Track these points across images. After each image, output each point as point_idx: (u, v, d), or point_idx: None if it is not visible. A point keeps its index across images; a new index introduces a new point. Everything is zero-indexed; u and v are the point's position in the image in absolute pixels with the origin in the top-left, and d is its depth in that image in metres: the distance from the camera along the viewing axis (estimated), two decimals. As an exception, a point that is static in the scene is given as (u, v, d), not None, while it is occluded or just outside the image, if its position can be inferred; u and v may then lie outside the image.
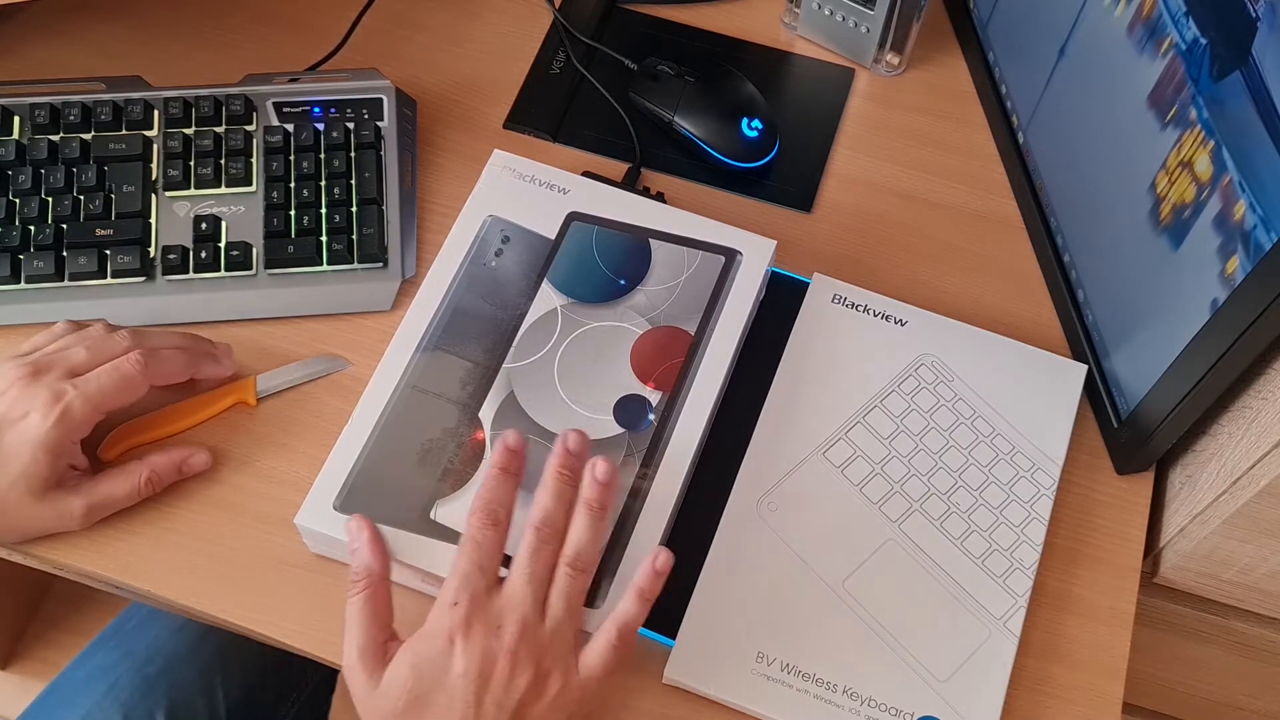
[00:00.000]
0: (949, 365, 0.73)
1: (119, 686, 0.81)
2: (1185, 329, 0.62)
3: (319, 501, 0.65)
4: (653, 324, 0.72)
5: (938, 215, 0.82)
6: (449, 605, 0.59)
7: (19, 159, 0.76)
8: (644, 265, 0.73)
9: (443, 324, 0.71)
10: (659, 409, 0.69)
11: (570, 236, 0.74)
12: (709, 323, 0.71)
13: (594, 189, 0.76)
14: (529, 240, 0.74)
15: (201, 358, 0.70)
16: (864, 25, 0.84)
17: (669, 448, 0.68)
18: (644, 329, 0.71)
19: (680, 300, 0.72)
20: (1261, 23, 0.56)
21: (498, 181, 0.76)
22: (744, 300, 0.72)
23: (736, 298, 0.72)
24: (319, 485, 0.66)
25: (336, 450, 0.67)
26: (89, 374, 0.64)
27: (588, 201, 0.75)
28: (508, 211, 0.75)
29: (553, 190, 0.75)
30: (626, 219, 0.75)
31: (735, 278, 0.73)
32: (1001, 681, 0.64)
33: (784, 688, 0.64)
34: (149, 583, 0.67)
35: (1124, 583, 0.69)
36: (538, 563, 0.60)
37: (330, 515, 0.65)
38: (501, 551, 0.61)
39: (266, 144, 0.77)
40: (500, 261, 0.73)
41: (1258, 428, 0.61)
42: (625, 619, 0.61)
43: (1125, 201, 0.68)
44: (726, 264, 0.73)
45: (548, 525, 0.61)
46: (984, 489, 0.69)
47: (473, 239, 0.74)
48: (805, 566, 0.67)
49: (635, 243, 0.74)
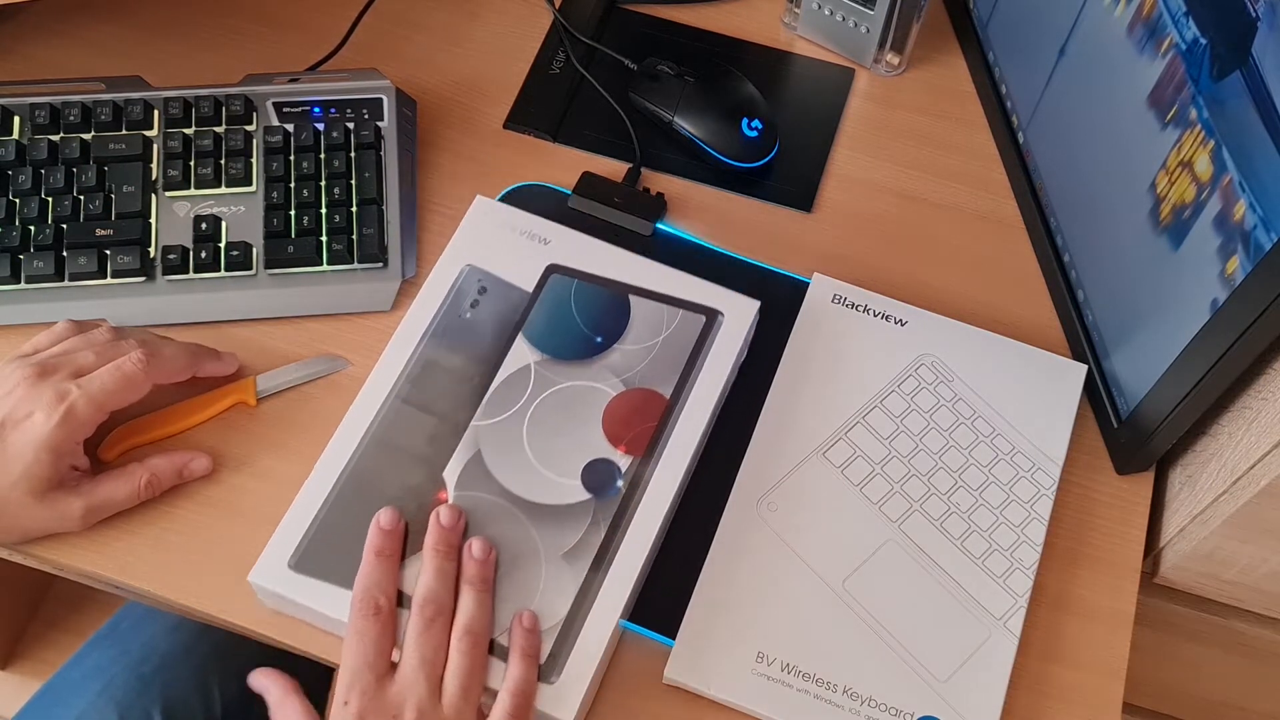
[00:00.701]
0: (949, 365, 0.73)
1: (114, 685, 0.81)
2: (1185, 329, 0.62)
3: (274, 559, 0.64)
4: (627, 385, 0.70)
5: (938, 215, 0.82)
6: (340, 705, 0.59)
7: (19, 159, 0.76)
8: (622, 322, 0.71)
9: (413, 376, 0.69)
10: (628, 475, 0.67)
11: (549, 290, 0.72)
12: (685, 386, 0.69)
13: (576, 240, 0.74)
14: (506, 292, 0.72)
15: (204, 356, 0.70)
16: (864, 25, 0.84)
17: (636, 516, 0.66)
18: (618, 390, 0.69)
19: (657, 361, 0.70)
20: (1261, 23, 0.56)
21: (478, 229, 0.74)
22: (723, 363, 0.70)
23: (716, 360, 0.70)
24: (274, 542, 0.64)
25: (295, 505, 0.65)
26: (92, 375, 0.64)
27: (569, 253, 0.73)
28: (486, 261, 0.73)
29: (534, 240, 0.74)
30: (608, 273, 0.73)
31: (715, 339, 0.71)
32: (1001, 681, 0.64)
33: (784, 688, 0.64)
34: (148, 583, 0.67)
35: (1124, 583, 0.69)
36: (427, 645, 0.60)
37: (285, 574, 0.64)
38: (389, 638, 0.61)
39: (266, 144, 0.77)
40: (475, 313, 0.71)
41: (1258, 428, 0.61)
42: (517, 683, 0.60)
43: (1125, 201, 0.68)
44: (707, 324, 0.71)
45: (432, 604, 0.61)
46: (984, 489, 0.69)
47: (449, 288, 0.72)
48: (805, 566, 0.67)
49: (615, 298, 0.72)
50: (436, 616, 0.61)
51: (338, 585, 0.63)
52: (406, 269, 0.76)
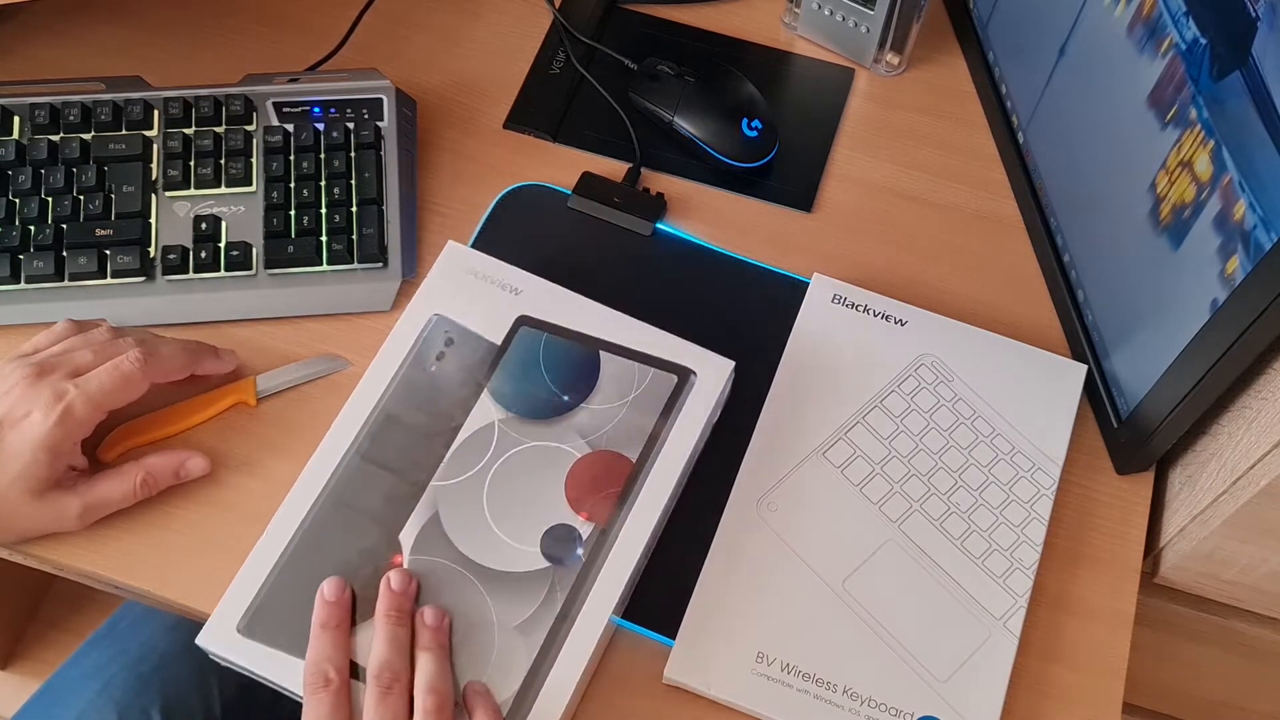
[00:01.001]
0: (949, 365, 0.73)
1: (113, 685, 0.81)
2: (1185, 329, 0.62)
3: (223, 622, 0.62)
4: (593, 447, 0.67)
5: (938, 215, 0.82)
6: None
7: (19, 159, 0.76)
8: (591, 380, 0.69)
9: (373, 431, 0.67)
10: (589, 543, 0.64)
11: (517, 343, 0.69)
12: (653, 450, 0.67)
13: (548, 291, 0.71)
14: (474, 344, 0.69)
15: (203, 354, 0.70)
16: (864, 25, 0.84)
17: (594, 588, 0.63)
18: (583, 452, 0.67)
19: (625, 423, 0.67)
20: (1261, 23, 0.56)
21: (449, 276, 0.72)
22: (694, 425, 0.67)
23: (685, 422, 0.67)
24: (224, 605, 0.63)
25: (246, 566, 0.64)
26: (90, 375, 0.64)
27: (541, 304, 0.71)
28: (455, 310, 0.70)
29: (505, 290, 0.71)
30: (580, 327, 0.70)
31: (686, 400, 0.68)
32: (1001, 681, 0.64)
33: (784, 688, 0.64)
34: (149, 583, 0.67)
35: (1124, 583, 0.69)
36: (385, 713, 0.59)
37: (234, 639, 0.62)
38: (344, 710, 0.59)
39: (266, 144, 0.77)
40: (441, 366, 0.69)
41: (1258, 428, 0.61)
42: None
43: (1125, 201, 0.68)
44: (679, 384, 0.68)
45: (387, 671, 0.60)
46: (984, 489, 0.69)
47: (415, 339, 0.70)
48: (805, 566, 0.67)
49: (585, 354, 0.69)
50: (393, 683, 0.59)
51: (288, 653, 0.61)
52: (406, 269, 0.76)
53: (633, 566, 0.64)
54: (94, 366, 0.65)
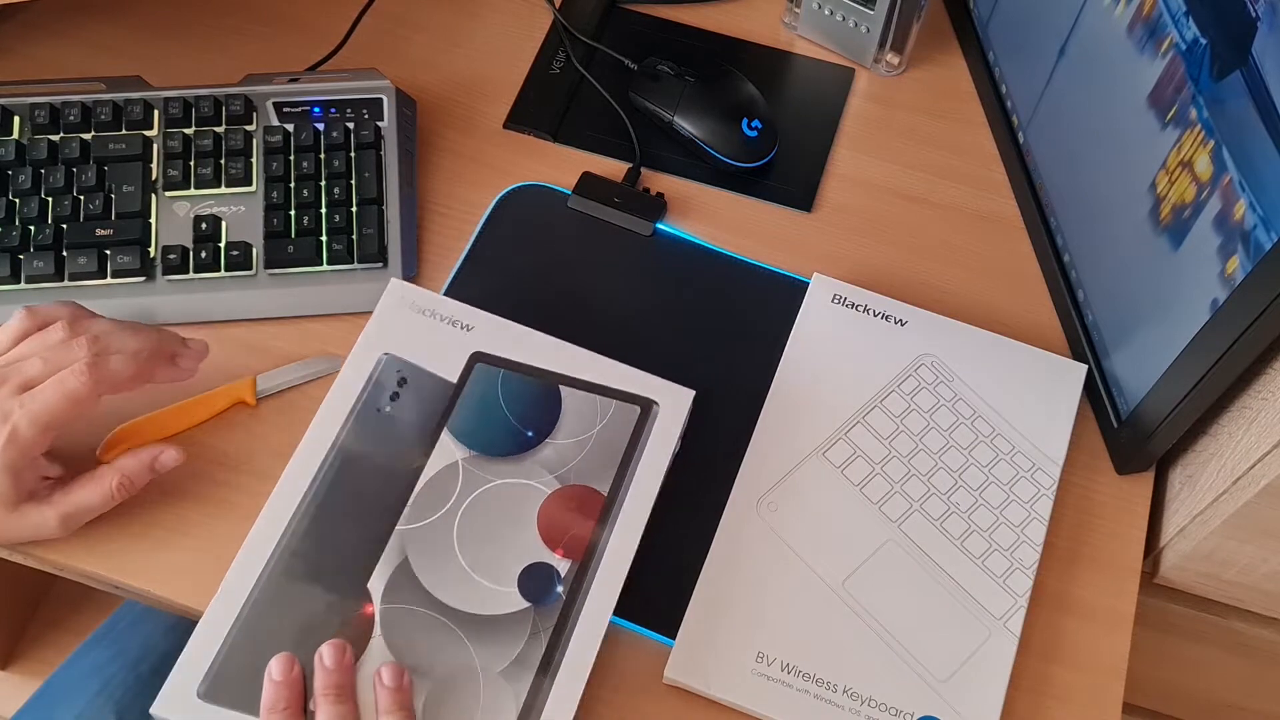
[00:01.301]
0: (949, 365, 0.73)
1: (112, 685, 0.81)
2: (1185, 329, 0.62)
3: (181, 688, 0.60)
4: (562, 481, 0.66)
5: (938, 215, 0.82)
6: None
7: (19, 159, 0.76)
8: (554, 415, 0.67)
9: (328, 479, 0.65)
10: (568, 579, 0.63)
11: (474, 380, 0.68)
12: (623, 481, 0.66)
13: (500, 327, 0.70)
14: (428, 383, 0.68)
15: (157, 362, 0.66)
16: (864, 25, 0.84)
17: (579, 624, 0.62)
18: (553, 488, 0.66)
19: (592, 456, 0.66)
20: (1261, 22, 0.56)
21: (394, 315, 0.70)
22: (660, 455, 0.67)
23: (653, 453, 0.67)
24: (180, 668, 0.60)
25: (201, 627, 0.61)
26: (35, 391, 0.62)
27: (494, 340, 0.69)
28: (405, 349, 0.69)
29: (455, 327, 0.69)
30: (536, 361, 0.69)
31: (651, 431, 0.67)
32: (1001, 681, 0.64)
33: (784, 688, 0.64)
34: (148, 583, 0.67)
35: (1124, 583, 0.69)
36: None
37: (194, 704, 0.59)
38: None
39: (266, 144, 0.77)
40: (396, 406, 0.67)
41: (1258, 428, 0.61)
42: None
43: (1125, 201, 0.68)
44: (642, 415, 0.68)
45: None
46: (984, 489, 0.69)
47: (365, 380, 0.68)
48: (805, 566, 0.67)
49: (545, 388, 0.68)
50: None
51: (253, 716, 0.59)
52: (406, 269, 0.76)
53: (614, 599, 0.63)
54: (43, 378, 0.62)
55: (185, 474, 0.69)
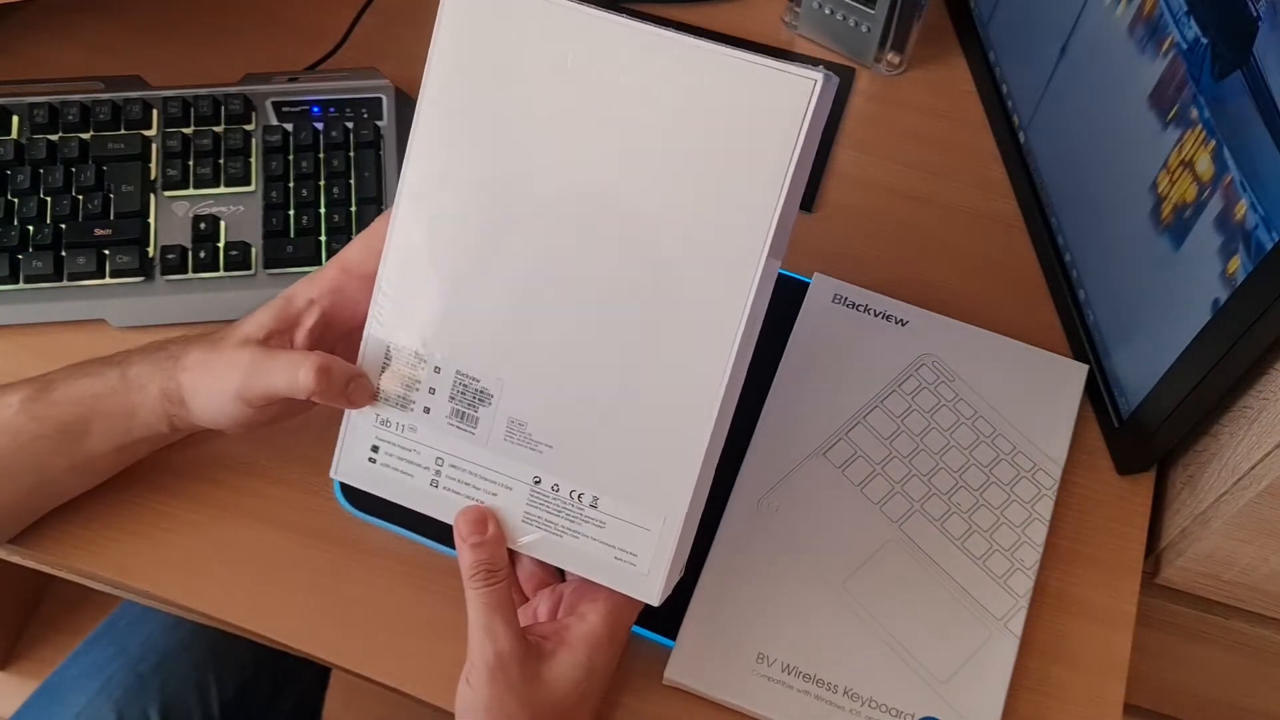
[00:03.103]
0: (950, 365, 0.73)
1: (112, 684, 0.81)
2: (1186, 329, 0.62)
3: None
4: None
5: (938, 215, 0.81)
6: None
7: (18, 159, 0.76)
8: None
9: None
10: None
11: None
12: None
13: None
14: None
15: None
16: (865, 24, 0.84)
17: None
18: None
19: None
20: (1262, 22, 0.56)
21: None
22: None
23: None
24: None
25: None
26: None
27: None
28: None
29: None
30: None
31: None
32: (1002, 682, 0.64)
33: (784, 688, 0.63)
34: (149, 583, 0.67)
35: (1125, 583, 0.69)
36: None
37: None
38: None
39: (266, 143, 0.77)
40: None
41: (1259, 428, 0.61)
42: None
43: (1126, 201, 0.68)
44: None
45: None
46: (985, 489, 0.69)
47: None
48: (806, 567, 0.67)
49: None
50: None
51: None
52: (406, 269, 0.76)
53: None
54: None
55: (186, 474, 0.69)
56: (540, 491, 0.58)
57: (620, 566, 0.58)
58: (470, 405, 0.59)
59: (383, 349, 0.59)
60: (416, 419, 0.59)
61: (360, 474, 0.61)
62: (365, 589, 0.67)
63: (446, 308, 0.58)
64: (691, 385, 0.56)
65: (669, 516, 0.57)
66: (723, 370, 0.55)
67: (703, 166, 0.54)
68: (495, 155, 0.56)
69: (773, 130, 0.52)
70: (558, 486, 0.58)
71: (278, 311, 0.61)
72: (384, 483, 0.60)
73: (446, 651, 0.62)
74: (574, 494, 0.58)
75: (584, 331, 0.57)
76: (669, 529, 0.57)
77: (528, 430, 0.58)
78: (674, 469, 0.57)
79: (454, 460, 0.59)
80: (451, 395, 0.59)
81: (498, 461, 0.59)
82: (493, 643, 0.56)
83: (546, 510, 0.58)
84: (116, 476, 0.66)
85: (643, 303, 0.56)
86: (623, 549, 0.58)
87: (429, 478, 0.60)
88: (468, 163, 0.57)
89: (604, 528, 0.58)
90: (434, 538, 0.67)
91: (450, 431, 0.59)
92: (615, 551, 0.58)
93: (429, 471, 0.60)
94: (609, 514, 0.58)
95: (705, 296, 0.55)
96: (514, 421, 0.58)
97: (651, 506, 0.57)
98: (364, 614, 0.66)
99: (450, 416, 0.59)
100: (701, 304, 0.55)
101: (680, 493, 0.57)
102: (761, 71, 0.52)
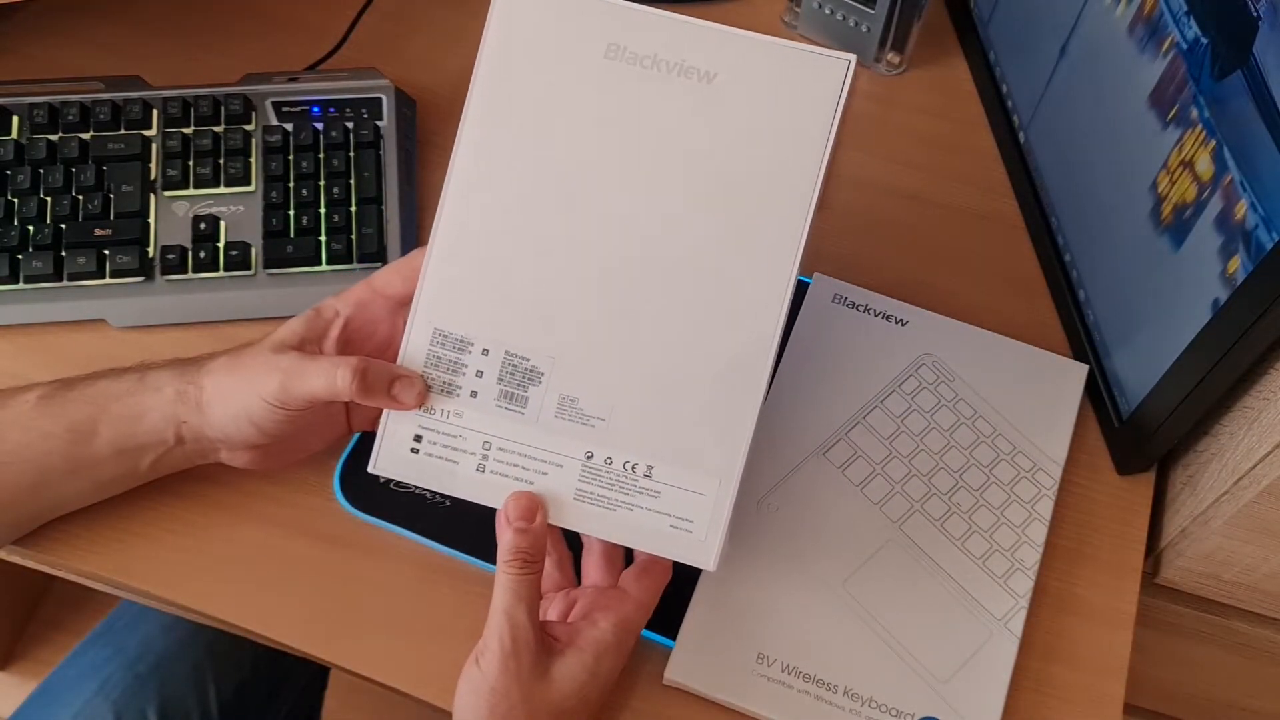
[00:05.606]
0: (950, 365, 0.73)
1: (110, 684, 0.81)
2: (1186, 329, 0.62)
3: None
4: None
5: (938, 215, 0.81)
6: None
7: (17, 159, 0.76)
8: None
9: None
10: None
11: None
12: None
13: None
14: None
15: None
16: (864, 24, 0.84)
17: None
18: None
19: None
20: (1263, 22, 0.56)
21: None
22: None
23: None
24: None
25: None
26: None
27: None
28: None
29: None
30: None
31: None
32: (1002, 682, 0.64)
33: (784, 689, 0.63)
34: (149, 583, 0.67)
35: (1125, 583, 0.69)
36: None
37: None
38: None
39: (265, 143, 0.77)
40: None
41: (1259, 428, 0.61)
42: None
43: (1126, 201, 0.68)
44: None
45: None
46: (985, 489, 0.69)
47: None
48: (805, 567, 0.67)
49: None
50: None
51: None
52: (406, 269, 0.76)
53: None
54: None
55: (186, 474, 0.68)
56: (593, 466, 0.59)
57: (675, 535, 0.59)
58: (520, 385, 0.59)
59: (427, 337, 0.59)
60: (463, 404, 0.59)
61: (402, 466, 0.60)
62: (365, 589, 0.67)
63: (496, 290, 0.59)
64: (743, 343, 0.58)
65: (724, 479, 0.58)
66: (775, 322, 0.57)
67: (745, 147, 0.58)
68: (544, 141, 0.58)
69: (813, 108, 0.57)
70: (610, 459, 0.59)
71: (309, 321, 0.62)
72: (427, 473, 0.60)
73: (446, 652, 0.62)
74: (628, 465, 0.59)
75: (635, 303, 0.58)
76: (724, 491, 0.58)
77: (579, 405, 0.59)
78: (728, 430, 0.58)
79: (502, 443, 0.59)
80: (500, 377, 0.59)
81: (548, 440, 0.59)
82: (511, 628, 0.56)
83: (599, 485, 0.59)
84: (116, 476, 0.66)
85: (694, 270, 0.58)
86: (679, 516, 0.59)
87: (475, 463, 0.60)
88: (518, 149, 0.58)
89: (659, 497, 0.59)
90: (434, 538, 0.67)
91: (498, 414, 0.59)
92: (670, 520, 0.59)
93: (475, 457, 0.60)
94: (664, 482, 0.59)
95: (753, 262, 0.58)
96: (565, 398, 0.59)
97: (708, 469, 0.58)
98: (364, 614, 0.66)
99: (499, 399, 0.59)
100: (751, 267, 0.58)
101: (735, 454, 0.58)
102: (799, 55, 0.57)
